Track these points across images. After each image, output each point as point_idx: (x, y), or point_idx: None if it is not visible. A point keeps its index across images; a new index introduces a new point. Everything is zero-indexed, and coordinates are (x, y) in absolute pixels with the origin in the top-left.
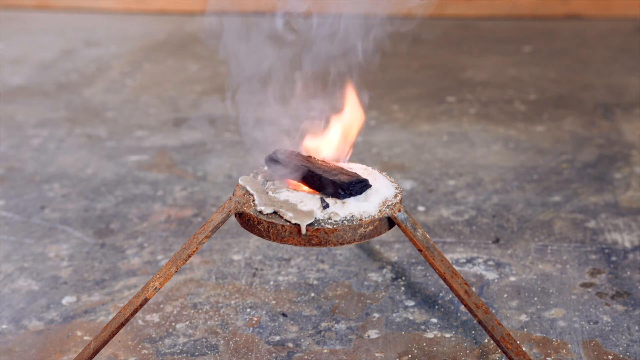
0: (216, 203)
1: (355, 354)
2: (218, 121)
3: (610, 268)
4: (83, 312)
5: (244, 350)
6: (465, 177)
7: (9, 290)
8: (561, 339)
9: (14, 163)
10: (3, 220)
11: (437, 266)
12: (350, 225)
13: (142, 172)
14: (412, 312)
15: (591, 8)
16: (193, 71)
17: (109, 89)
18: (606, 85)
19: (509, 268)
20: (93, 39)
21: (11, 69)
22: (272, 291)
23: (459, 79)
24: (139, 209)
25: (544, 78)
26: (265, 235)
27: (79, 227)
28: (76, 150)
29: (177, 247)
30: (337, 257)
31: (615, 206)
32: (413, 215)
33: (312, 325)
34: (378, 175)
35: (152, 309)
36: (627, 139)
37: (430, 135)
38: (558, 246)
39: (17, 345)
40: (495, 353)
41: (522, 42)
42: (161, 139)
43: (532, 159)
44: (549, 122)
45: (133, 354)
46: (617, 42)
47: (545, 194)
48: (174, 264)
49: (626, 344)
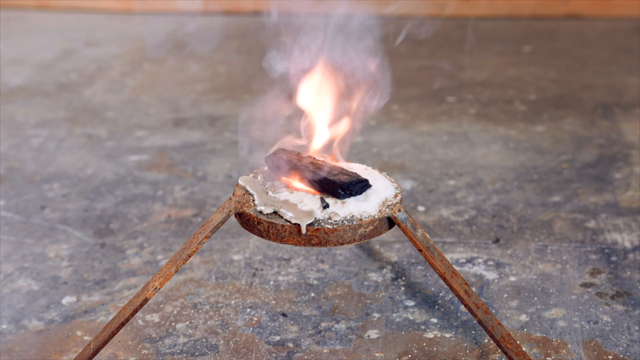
0: (216, 203)
1: (355, 354)
2: (218, 121)
3: (610, 268)
4: (83, 312)
5: (244, 350)
6: (465, 177)
7: (9, 290)
8: (561, 339)
9: (14, 163)
10: (3, 220)
11: (437, 266)
12: (350, 225)
13: (142, 172)
14: (412, 312)
15: (591, 8)
16: (193, 71)
17: (109, 89)
18: (606, 85)
19: (509, 268)
20: (93, 39)
21: (11, 69)
22: (272, 291)
23: (459, 79)
24: (139, 209)
25: (544, 78)
26: (265, 235)
27: (79, 227)
28: (76, 150)
29: (177, 247)
30: (337, 257)
31: (615, 206)
32: (413, 215)
33: (312, 325)
34: (378, 175)
35: (152, 309)
36: (627, 139)
37: (430, 135)
38: (558, 246)
39: (17, 345)
40: (495, 353)
41: (522, 42)
42: (161, 139)
43: (532, 159)
44: (549, 122)
45: (133, 354)
46: (617, 42)
47: (545, 194)
48: (174, 264)
49: (626, 344)
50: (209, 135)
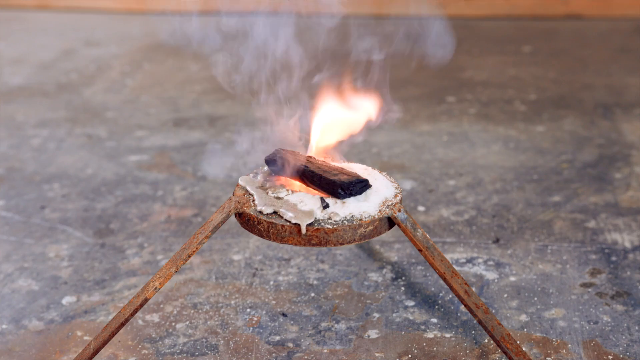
0: (216, 203)
1: (355, 354)
2: (218, 121)
3: (610, 268)
4: (83, 312)
5: (244, 350)
6: (465, 177)
7: (9, 290)
8: (561, 339)
9: (14, 163)
10: (3, 220)
11: (437, 266)
12: (350, 225)
13: (142, 172)
14: (412, 312)
15: (591, 8)
16: (193, 71)
17: (109, 89)
18: (606, 85)
19: (509, 268)
20: (93, 39)
21: (11, 69)
22: (272, 291)
23: (459, 79)
24: (139, 209)
25: (544, 78)
26: (265, 235)
27: (79, 227)
28: (76, 150)
29: (177, 247)
30: (337, 257)
31: (615, 206)
32: (413, 215)
33: (312, 325)
34: (378, 175)
35: (152, 309)
36: (627, 139)
37: (430, 135)
38: (558, 246)
39: (17, 345)
40: (495, 353)
41: (522, 42)
42: (161, 139)
43: (532, 159)
44: (549, 122)
45: (133, 354)
46: (617, 42)
47: (545, 194)
48: (174, 264)
49: (626, 344)
50: (209, 135)
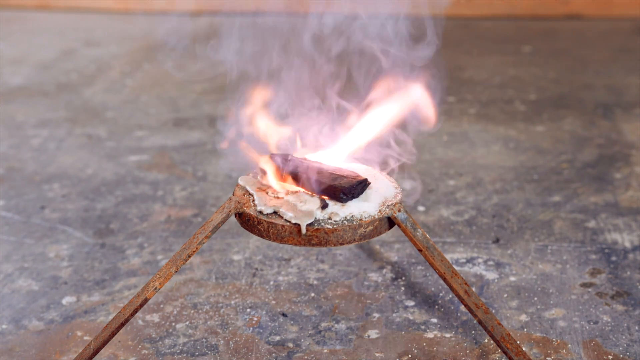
0: (216, 203)
1: (355, 354)
2: (218, 121)
3: (610, 268)
4: (83, 312)
5: (244, 350)
6: (465, 177)
7: (9, 290)
8: (561, 339)
9: (14, 163)
10: (3, 220)
11: (437, 266)
12: (350, 225)
13: (142, 172)
14: (412, 312)
15: (591, 8)
16: (193, 71)
17: (109, 89)
18: (606, 85)
19: (509, 268)
20: (93, 39)
21: (11, 69)
22: (272, 291)
23: (459, 79)
24: (139, 209)
25: (544, 78)
26: (265, 235)
27: (79, 227)
28: (76, 150)
29: (177, 247)
30: (337, 257)
31: (615, 206)
32: (413, 215)
33: (312, 325)
34: (378, 175)
35: (152, 309)
36: (627, 139)
37: (430, 135)
38: (558, 246)
39: (17, 345)
40: (495, 353)
41: (522, 42)
42: (161, 139)
43: (532, 159)
44: (549, 122)
45: (133, 354)
46: (617, 42)
47: (545, 194)
48: (174, 264)
49: (626, 344)
50: (209, 135)
